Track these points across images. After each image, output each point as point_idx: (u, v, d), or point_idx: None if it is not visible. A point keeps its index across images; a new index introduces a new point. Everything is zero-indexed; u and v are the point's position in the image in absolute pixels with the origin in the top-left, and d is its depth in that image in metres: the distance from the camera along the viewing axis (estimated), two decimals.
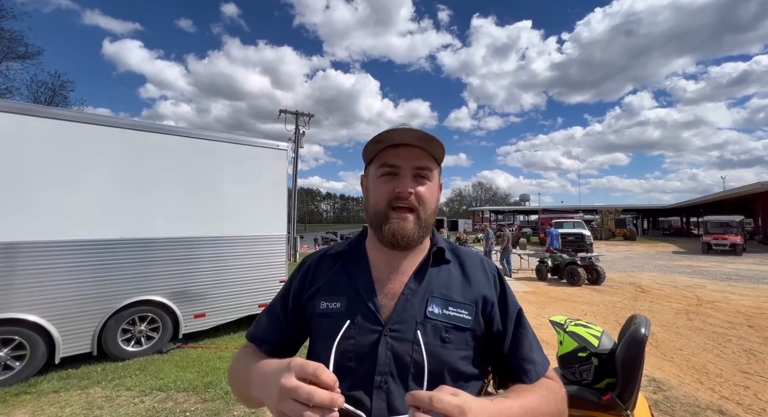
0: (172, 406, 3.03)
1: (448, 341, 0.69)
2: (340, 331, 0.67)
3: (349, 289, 0.73)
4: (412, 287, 0.72)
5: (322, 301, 0.74)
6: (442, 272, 0.76)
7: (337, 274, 0.77)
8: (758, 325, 5.28)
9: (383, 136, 0.72)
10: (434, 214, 0.76)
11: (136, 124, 4.46)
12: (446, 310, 0.71)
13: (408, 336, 0.68)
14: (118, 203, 4.18)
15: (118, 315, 4.11)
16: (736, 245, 16.42)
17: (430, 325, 0.69)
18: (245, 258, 5.18)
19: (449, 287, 0.74)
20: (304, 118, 23.14)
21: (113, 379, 3.55)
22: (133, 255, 4.23)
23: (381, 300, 0.72)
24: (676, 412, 2.89)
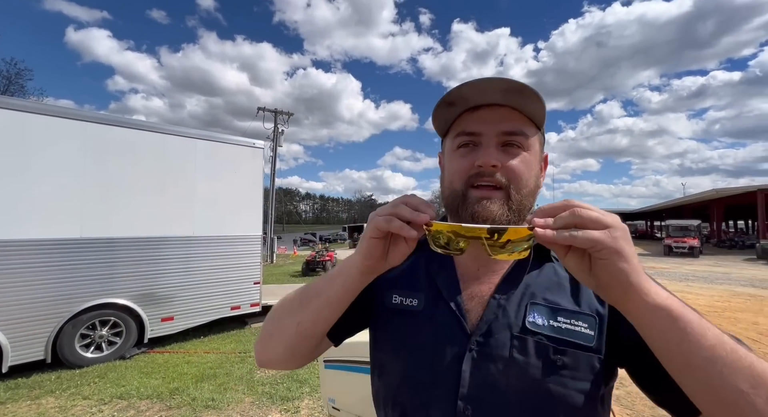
0: (133, 415, 2.87)
1: (560, 365, 0.51)
2: (417, 335, 0.57)
3: (429, 286, 0.61)
4: (505, 290, 0.56)
5: (395, 294, 0.62)
6: (546, 273, 0.58)
7: (414, 265, 0.64)
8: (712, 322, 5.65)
9: (456, 96, 0.54)
10: (533, 195, 0.57)
11: (100, 118, 4.22)
12: (554, 321, 0.53)
13: (502, 352, 0.52)
14: (79, 201, 3.94)
15: (77, 319, 3.87)
16: (694, 248, 17.54)
17: (533, 341, 0.52)
18: (217, 259, 5.02)
19: (557, 292, 0.56)
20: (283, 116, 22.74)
21: (69, 388, 3.33)
22: (94, 255, 4.00)
23: (467, 303, 0.57)
24: (636, 405, 3.03)
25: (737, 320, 5.75)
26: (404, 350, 0.59)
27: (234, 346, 4.62)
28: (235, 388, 3.36)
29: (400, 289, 0.62)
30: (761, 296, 7.75)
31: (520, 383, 0.51)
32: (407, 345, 0.59)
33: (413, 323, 0.59)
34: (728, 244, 22.85)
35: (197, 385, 3.38)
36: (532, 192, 0.56)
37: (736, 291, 8.42)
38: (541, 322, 0.53)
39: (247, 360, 4.07)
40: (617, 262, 0.38)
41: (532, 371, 0.50)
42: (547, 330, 0.52)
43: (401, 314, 0.60)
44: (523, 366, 0.51)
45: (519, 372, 0.51)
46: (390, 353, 0.61)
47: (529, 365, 0.51)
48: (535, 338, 0.52)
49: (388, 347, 0.62)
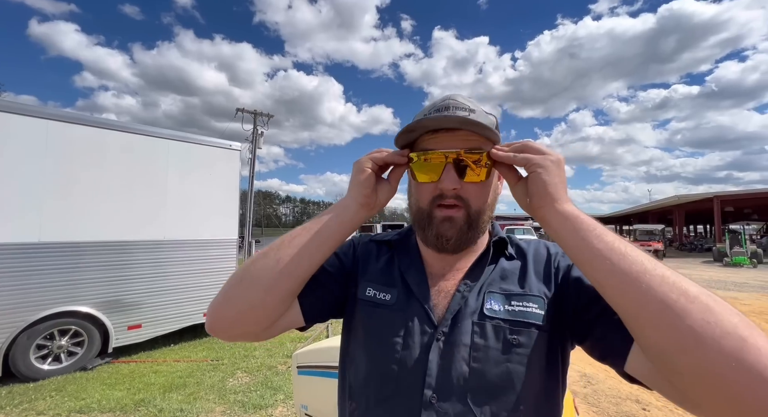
0: None
1: (515, 343, 0.55)
2: (388, 328, 0.60)
3: (400, 283, 0.65)
4: (468, 283, 0.62)
5: (369, 286, 0.66)
6: (502, 266, 0.65)
7: (387, 263, 0.69)
8: None
9: (416, 125, 0.59)
10: (491, 208, 0.63)
11: (63, 116, 4.01)
12: (508, 306, 0.58)
13: (464, 339, 0.56)
14: (38, 203, 3.71)
15: (33, 329, 3.63)
16: (658, 251, 18.53)
17: (491, 325, 0.57)
18: (190, 263, 4.85)
19: (510, 280, 0.62)
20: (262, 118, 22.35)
21: (21, 404, 3.11)
22: (54, 261, 3.78)
23: (434, 298, 0.62)
24: (601, 402, 3.16)
25: None
26: (374, 343, 0.61)
27: (206, 353, 4.47)
28: (205, 397, 3.25)
29: (375, 283, 0.66)
30: None
31: (482, 365, 0.55)
32: (378, 338, 0.61)
33: (385, 316, 0.62)
34: (689, 248, 24.32)
35: (165, 396, 3.24)
36: (491, 205, 0.64)
37: None
38: (497, 308, 0.58)
39: (220, 368, 3.94)
40: (541, 175, 0.52)
41: (491, 353, 0.55)
42: (502, 314, 0.58)
43: (374, 306, 0.64)
44: (483, 349, 0.55)
45: (480, 355, 0.55)
46: (360, 345, 0.64)
47: (489, 348, 0.55)
48: (492, 322, 0.57)
49: (359, 339, 0.64)
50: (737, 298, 8.07)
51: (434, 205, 0.60)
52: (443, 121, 0.58)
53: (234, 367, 3.97)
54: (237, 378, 3.67)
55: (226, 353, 4.43)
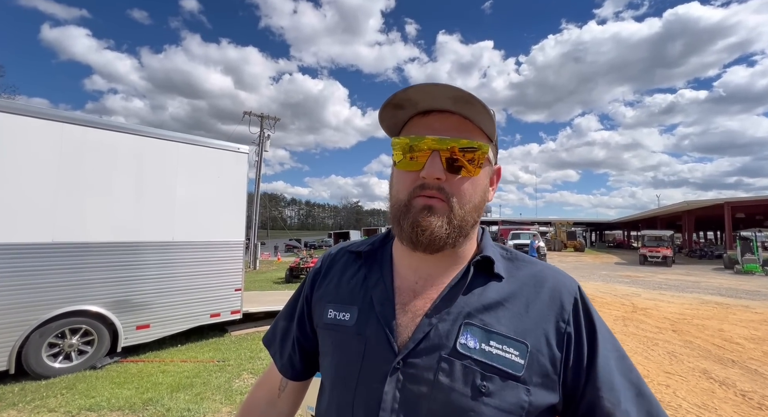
0: None
1: (486, 393, 0.47)
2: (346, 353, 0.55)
3: (364, 299, 0.57)
4: (441, 308, 0.52)
5: (330, 308, 0.59)
6: (487, 292, 0.54)
7: (354, 277, 0.61)
8: (680, 329, 5.89)
9: (403, 99, 0.51)
10: (477, 210, 0.54)
11: (77, 119, 4.11)
12: (486, 345, 0.49)
13: (427, 375, 0.48)
14: (52, 204, 3.80)
15: (45, 327, 3.70)
16: (667, 257, 18.28)
17: (461, 364, 0.48)
18: (198, 265, 4.91)
19: (495, 314, 0.52)
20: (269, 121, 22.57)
21: (33, 400, 3.17)
22: (66, 261, 3.85)
23: (399, 319, 0.53)
24: None
25: (704, 327, 6.02)
26: (332, 369, 0.56)
27: (213, 354, 4.51)
28: (212, 397, 3.28)
29: (336, 302, 0.60)
30: (727, 304, 8.14)
31: (443, 409, 0.47)
32: (337, 363, 0.56)
33: (343, 339, 0.56)
34: (698, 254, 23.93)
35: (172, 395, 3.28)
36: (477, 207, 0.54)
37: (704, 299, 8.81)
38: (472, 345, 0.49)
39: (226, 369, 3.97)
40: None
41: (455, 397, 0.47)
42: (477, 354, 0.49)
43: (334, 329, 0.57)
44: (447, 391, 0.47)
45: (442, 397, 0.47)
46: (324, 373, 0.59)
47: (454, 391, 0.47)
48: (463, 362, 0.48)
49: (324, 366, 0.60)
50: (749, 306, 7.92)
51: (414, 195, 0.52)
52: (434, 94, 0.49)
53: (240, 368, 4.00)
54: (243, 379, 3.70)
55: (232, 354, 4.46)
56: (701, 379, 3.85)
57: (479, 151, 0.51)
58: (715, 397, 3.42)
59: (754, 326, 6.10)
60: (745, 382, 3.74)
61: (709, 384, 3.71)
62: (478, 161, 0.52)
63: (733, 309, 7.61)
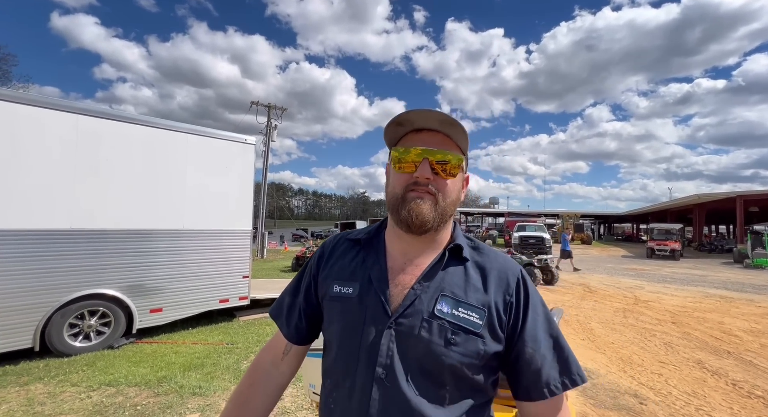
0: (122, 401, 2.97)
1: (454, 343, 0.65)
2: (351, 316, 0.71)
3: (363, 277, 0.74)
4: (423, 282, 0.70)
5: (335, 284, 0.75)
6: (457, 271, 0.72)
7: (354, 259, 0.78)
8: (680, 321, 5.94)
9: (404, 119, 0.70)
10: (454, 205, 0.72)
11: (92, 110, 4.26)
12: (456, 310, 0.67)
13: (413, 331, 0.66)
14: (69, 193, 3.99)
15: (65, 309, 3.93)
16: (675, 251, 18.09)
17: (437, 323, 0.66)
18: (207, 252, 5.10)
19: (463, 288, 0.70)
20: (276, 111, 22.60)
21: (57, 376, 3.41)
22: (84, 246, 4.06)
23: (392, 290, 0.70)
24: (599, 396, 3.24)
25: (704, 320, 6.06)
26: (340, 329, 0.72)
27: (222, 337, 4.73)
28: (221, 376, 3.48)
29: (340, 280, 0.76)
30: (731, 298, 8.12)
31: (423, 355, 0.65)
32: (342, 325, 0.72)
33: (348, 307, 0.72)
34: (708, 248, 23.59)
35: (184, 374, 3.49)
36: (454, 202, 0.73)
37: (708, 292, 8.79)
38: (446, 310, 0.67)
39: (235, 351, 4.18)
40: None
41: (432, 346, 0.65)
42: (449, 317, 0.67)
43: (340, 300, 0.74)
44: (427, 342, 0.65)
45: (423, 346, 0.65)
46: (331, 333, 0.75)
47: (431, 342, 0.65)
48: (439, 322, 0.66)
49: (331, 328, 0.75)
50: (753, 300, 7.90)
51: (407, 190, 0.69)
52: (427, 118, 0.68)
53: (248, 350, 4.20)
54: (251, 360, 3.89)
55: (240, 338, 4.68)
56: (695, 368, 3.93)
57: (456, 160, 0.71)
58: (705, 385, 3.50)
59: (755, 319, 6.12)
60: (738, 373, 3.82)
61: (702, 373, 3.80)
62: (455, 168, 0.71)
63: (737, 302, 7.60)
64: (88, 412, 2.77)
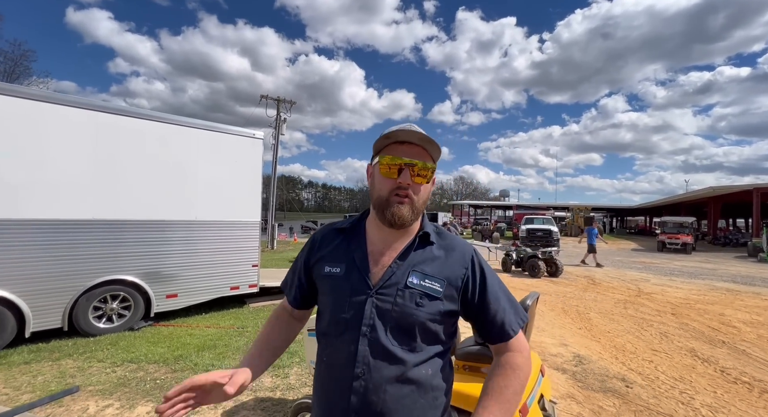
0: (143, 376, 3.27)
1: (421, 305, 0.85)
2: (340, 289, 0.90)
3: (348, 259, 0.92)
4: (399, 262, 0.90)
5: (326, 265, 0.94)
6: (425, 252, 0.93)
7: (340, 245, 0.96)
8: (680, 313, 5.99)
9: (392, 134, 0.88)
10: (425, 204, 0.92)
11: (109, 108, 4.52)
12: (423, 281, 0.88)
13: (390, 299, 0.86)
14: (91, 185, 4.28)
15: (90, 293, 4.26)
16: (687, 244, 17.81)
17: (408, 292, 0.86)
18: (218, 242, 5.37)
19: (429, 264, 0.91)
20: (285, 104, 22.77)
21: (84, 353, 3.74)
22: (105, 235, 4.36)
23: (372, 269, 0.90)
24: (588, 379, 3.40)
25: (705, 312, 6.10)
26: (332, 300, 0.92)
27: (233, 321, 5.02)
28: (232, 356, 3.75)
29: (330, 261, 0.95)
30: (737, 291, 8.08)
31: (399, 315, 0.86)
32: (334, 297, 0.92)
33: (337, 283, 0.92)
34: (722, 242, 23.09)
35: (199, 354, 3.78)
36: (425, 202, 0.93)
37: (715, 285, 8.75)
38: (416, 282, 0.88)
39: (245, 334, 4.46)
40: None
41: (406, 308, 0.86)
42: (418, 287, 0.88)
43: (330, 277, 0.94)
44: (401, 306, 0.86)
45: (399, 309, 0.86)
46: (324, 303, 0.95)
47: (405, 305, 0.86)
48: (410, 290, 0.87)
49: (324, 299, 0.95)
50: (760, 293, 7.85)
51: (392, 194, 0.88)
52: (410, 134, 0.87)
53: (257, 334, 4.47)
54: None
55: (250, 323, 4.96)
56: (686, 356, 4.04)
57: (431, 170, 0.90)
58: (694, 372, 3.62)
59: (757, 312, 6.13)
60: (729, 361, 3.91)
61: (692, 361, 3.91)
62: (430, 175, 0.90)
63: (742, 295, 7.57)
64: (114, 384, 3.07)
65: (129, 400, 2.82)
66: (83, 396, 2.86)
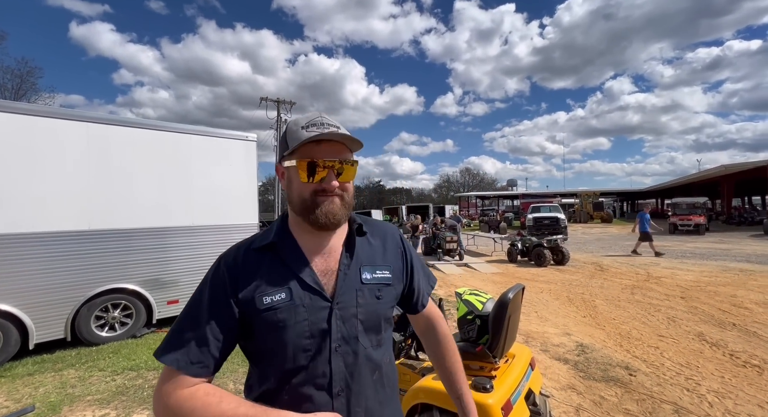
0: (141, 383, 3.30)
1: (380, 297, 0.84)
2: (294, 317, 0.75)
3: (290, 278, 0.78)
4: (345, 262, 0.84)
5: (264, 296, 0.76)
6: (364, 244, 0.89)
7: (272, 266, 0.79)
8: (689, 296, 5.83)
9: (304, 133, 0.77)
10: (353, 196, 0.86)
11: (99, 118, 4.54)
12: (375, 274, 0.86)
13: (352, 302, 0.80)
14: (86, 196, 4.32)
15: (91, 303, 4.31)
16: (699, 225, 17.37)
17: (367, 288, 0.83)
18: (216, 246, 5.38)
19: (373, 256, 0.88)
20: (286, 105, 22.78)
21: (87, 362, 3.79)
22: (103, 245, 4.40)
23: (322, 278, 0.80)
24: (590, 369, 3.32)
25: (716, 293, 5.92)
26: (285, 333, 0.75)
27: None
28: (231, 360, 3.76)
29: (266, 291, 0.76)
30: (751, 271, 7.83)
31: (364, 315, 0.82)
32: (286, 328, 0.75)
33: (286, 311, 0.75)
34: (737, 221, 22.46)
35: None
36: (353, 194, 0.86)
37: (728, 266, 8.50)
38: (369, 277, 0.86)
39: None
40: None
41: (368, 306, 0.83)
42: (372, 280, 0.86)
43: (274, 309, 0.75)
44: (364, 304, 0.82)
45: (363, 309, 0.82)
46: (273, 340, 0.75)
47: (367, 302, 0.83)
48: (367, 286, 0.84)
49: (272, 335, 0.75)
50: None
51: (316, 195, 0.78)
52: (326, 133, 0.76)
53: None
54: None
55: None
56: (694, 341, 3.92)
57: (353, 167, 0.83)
58: (701, 357, 3.51)
59: None
60: (739, 344, 3.78)
61: (700, 345, 3.78)
62: (353, 172, 0.83)
63: (756, 275, 7.33)
64: (112, 393, 3.10)
65: (126, 408, 2.84)
66: (81, 406, 2.89)
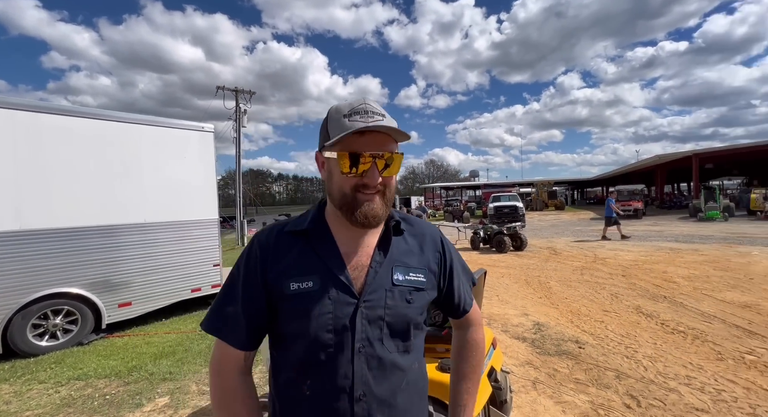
0: (91, 393, 3.06)
1: (411, 301, 0.79)
2: (318, 308, 0.73)
3: (320, 268, 0.76)
4: (378, 260, 0.79)
5: (291, 282, 0.75)
6: (400, 243, 0.84)
7: (303, 253, 0.78)
8: (630, 274, 6.47)
9: (349, 122, 0.71)
10: (394, 192, 0.81)
11: (28, 105, 4.04)
12: (408, 276, 0.80)
13: (380, 303, 0.76)
14: (13, 192, 3.85)
15: (26, 310, 3.89)
16: (638, 210, 19.21)
17: (397, 290, 0.78)
18: (173, 243, 5.08)
19: (408, 256, 0.83)
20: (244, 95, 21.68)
21: (23, 375, 3.43)
22: (38, 246, 3.97)
23: (352, 274, 0.77)
24: (545, 345, 3.59)
25: (651, 271, 6.62)
26: (307, 323, 0.73)
27: (195, 325, 4.81)
28: (193, 361, 3.60)
29: (294, 276, 0.76)
30: (679, 249, 8.83)
31: (392, 319, 0.77)
32: (310, 318, 0.73)
33: (312, 300, 0.74)
34: (668, 205, 25.13)
35: (156, 362, 3.59)
36: (395, 190, 0.81)
37: (660, 246, 9.51)
38: (402, 278, 0.80)
39: (208, 337, 4.29)
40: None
41: (398, 309, 0.78)
42: (404, 282, 0.80)
43: (301, 296, 0.74)
44: (393, 307, 0.77)
45: (390, 311, 0.77)
46: (296, 328, 0.74)
47: (396, 305, 0.78)
48: (399, 288, 0.79)
49: (294, 325, 0.75)
50: (698, 249, 8.62)
51: (356, 191, 0.73)
52: (377, 127, 0.70)
53: None
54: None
55: None
56: (632, 314, 4.37)
57: (398, 160, 0.76)
58: (638, 327, 3.92)
59: (694, 266, 6.74)
60: (668, 314, 4.27)
61: (638, 317, 4.23)
62: (398, 166, 0.77)
63: (683, 253, 8.29)
64: (56, 406, 2.85)
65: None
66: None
